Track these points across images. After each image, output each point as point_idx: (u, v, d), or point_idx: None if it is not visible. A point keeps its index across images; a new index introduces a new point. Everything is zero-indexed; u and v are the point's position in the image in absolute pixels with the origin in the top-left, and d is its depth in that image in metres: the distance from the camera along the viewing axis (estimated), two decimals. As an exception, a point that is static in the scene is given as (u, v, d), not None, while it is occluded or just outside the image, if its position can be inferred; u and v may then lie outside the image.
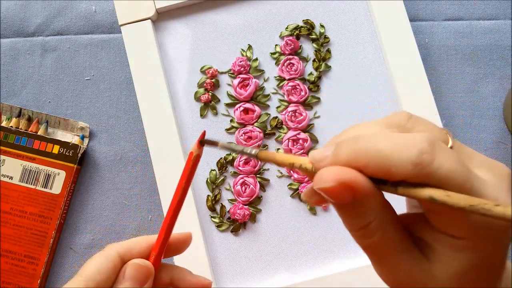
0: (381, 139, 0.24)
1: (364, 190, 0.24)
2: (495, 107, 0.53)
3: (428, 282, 0.26)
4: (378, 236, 0.26)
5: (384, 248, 0.26)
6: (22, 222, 0.51)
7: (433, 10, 0.55)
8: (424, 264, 0.26)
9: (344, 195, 0.24)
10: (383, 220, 0.25)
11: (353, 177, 0.24)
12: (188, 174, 0.36)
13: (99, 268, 0.35)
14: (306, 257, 0.50)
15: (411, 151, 0.24)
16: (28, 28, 0.56)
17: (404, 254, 0.26)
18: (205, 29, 0.53)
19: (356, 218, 0.26)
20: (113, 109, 0.54)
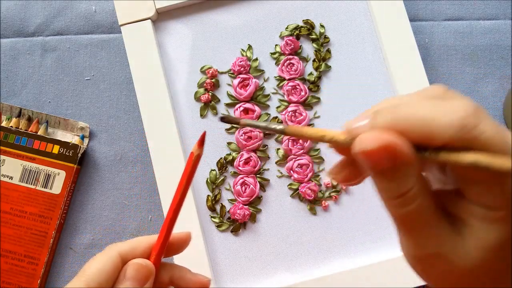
0: (421, 105, 0.24)
1: (406, 155, 0.24)
2: (495, 107, 0.53)
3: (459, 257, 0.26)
4: (415, 205, 0.25)
5: (419, 218, 0.26)
6: (22, 222, 0.51)
7: (433, 10, 0.55)
8: (456, 238, 0.26)
9: (385, 159, 0.24)
10: (420, 189, 0.25)
11: (397, 140, 0.24)
12: (189, 174, 0.36)
13: (100, 269, 0.35)
14: (306, 257, 0.50)
15: (456, 114, 0.24)
16: (28, 28, 0.56)
17: (438, 226, 0.26)
18: (205, 29, 0.53)
19: (396, 185, 0.25)
20: (113, 109, 0.54)
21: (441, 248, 0.26)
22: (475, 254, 0.26)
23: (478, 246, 0.26)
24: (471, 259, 0.26)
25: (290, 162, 0.51)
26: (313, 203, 0.50)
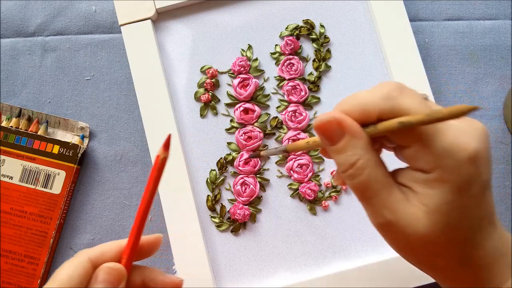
0: (360, 91, 0.31)
1: (351, 127, 0.30)
2: (495, 107, 0.53)
3: (410, 224, 0.29)
4: (365, 175, 0.30)
5: (371, 187, 0.30)
6: (22, 222, 0.51)
7: (433, 10, 0.55)
8: (408, 206, 0.30)
9: (335, 130, 0.30)
10: (369, 160, 0.30)
11: (343, 115, 0.30)
12: (155, 178, 0.36)
13: (70, 275, 0.35)
14: (306, 257, 0.50)
15: (382, 90, 0.30)
16: (28, 28, 0.56)
17: (390, 194, 0.30)
18: (205, 29, 0.53)
19: (345, 156, 0.30)
20: (113, 109, 0.54)
21: (394, 215, 0.30)
22: (423, 220, 0.29)
23: (426, 211, 0.29)
24: (422, 225, 0.29)
25: (290, 162, 0.51)
26: (313, 203, 0.50)
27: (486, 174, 0.29)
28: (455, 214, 0.29)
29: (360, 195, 0.31)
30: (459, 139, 0.29)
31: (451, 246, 0.30)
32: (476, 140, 0.29)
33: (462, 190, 0.29)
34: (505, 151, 0.52)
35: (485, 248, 0.30)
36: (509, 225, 0.51)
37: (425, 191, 0.29)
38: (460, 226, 0.29)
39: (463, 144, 0.29)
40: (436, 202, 0.29)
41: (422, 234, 0.29)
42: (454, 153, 0.28)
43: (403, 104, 0.29)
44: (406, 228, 0.30)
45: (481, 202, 0.30)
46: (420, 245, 0.30)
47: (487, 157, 0.29)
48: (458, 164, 0.29)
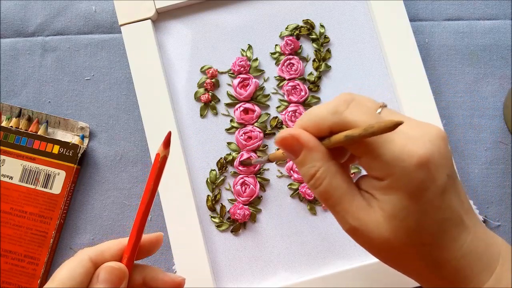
0: (315, 106, 0.33)
1: (308, 141, 0.32)
2: (495, 107, 0.53)
3: (372, 230, 0.31)
4: (324, 184, 0.32)
5: (332, 195, 0.32)
6: (22, 222, 0.51)
7: (433, 10, 0.55)
8: (370, 212, 0.31)
9: (295, 145, 0.32)
10: (328, 170, 0.32)
11: (299, 131, 0.32)
12: (156, 176, 0.36)
13: (71, 274, 0.35)
14: (306, 257, 0.50)
15: (330, 106, 0.32)
16: (28, 28, 0.56)
17: (352, 201, 0.31)
18: (205, 29, 0.53)
19: (306, 168, 0.32)
20: (113, 109, 0.54)
21: (358, 221, 0.31)
22: (384, 225, 0.30)
23: (385, 217, 0.30)
24: (383, 230, 0.30)
25: (290, 162, 0.51)
26: (313, 203, 0.50)
27: (442, 177, 0.30)
28: (412, 219, 0.30)
29: (325, 203, 0.32)
30: (406, 146, 0.29)
31: (415, 250, 0.31)
32: (426, 146, 0.29)
33: (416, 196, 0.29)
34: (505, 151, 0.52)
35: (454, 251, 0.30)
36: (509, 225, 0.51)
37: (382, 198, 0.30)
38: (420, 230, 0.30)
39: (410, 151, 0.29)
40: (393, 208, 0.30)
41: (384, 238, 0.30)
42: (401, 160, 0.29)
43: (349, 118, 0.31)
44: (370, 233, 0.31)
45: (439, 206, 0.30)
46: (386, 249, 0.31)
47: (440, 160, 0.30)
48: (406, 171, 0.29)
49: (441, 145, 0.30)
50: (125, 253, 0.37)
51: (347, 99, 0.32)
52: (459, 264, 0.31)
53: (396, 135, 0.30)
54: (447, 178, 0.30)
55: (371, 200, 0.31)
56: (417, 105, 0.50)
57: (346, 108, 0.31)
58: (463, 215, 0.31)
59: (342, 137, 0.31)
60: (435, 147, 0.30)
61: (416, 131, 0.31)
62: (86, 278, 0.35)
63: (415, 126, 0.31)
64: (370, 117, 0.30)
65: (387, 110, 0.33)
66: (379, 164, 0.30)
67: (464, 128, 0.53)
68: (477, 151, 0.52)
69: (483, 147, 0.52)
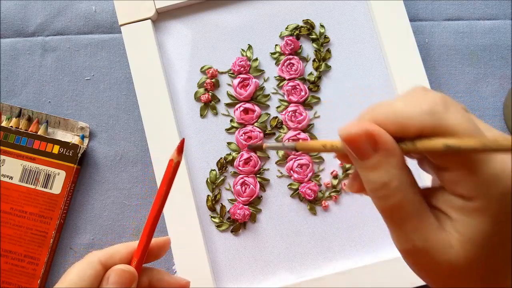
0: (397, 101, 0.27)
1: (386, 141, 0.26)
2: (495, 107, 0.53)
3: (444, 253, 0.26)
4: (398, 197, 0.26)
5: (403, 211, 0.27)
6: (22, 222, 0.51)
7: (433, 10, 0.55)
8: (441, 232, 0.27)
9: (367, 146, 0.26)
10: (404, 181, 0.26)
11: (377, 128, 0.26)
12: (168, 182, 0.36)
13: (81, 276, 0.35)
14: (306, 257, 0.50)
15: (425, 104, 0.26)
16: (28, 28, 0.56)
17: (423, 220, 0.27)
18: (205, 29, 0.53)
19: (378, 174, 0.26)
20: (113, 109, 0.54)
21: (426, 242, 0.27)
22: (458, 250, 0.26)
23: (460, 241, 0.26)
24: (456, 254, 0.26)
25: (290, 162, 0.51)
26: (313, 203, 0.50)
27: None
28: (491, 246, 0.26)
29: (390, 218, 0.28)
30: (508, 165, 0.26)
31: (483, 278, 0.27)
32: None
33: (503, 223, 0.26)
34: (505, 151, 0.52)
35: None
36: (509, 225, 0.51)
37: (461, 219, 0.26)
38: (494, 259, 0.27)
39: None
40: (473, 232, 0.26)
41: (453, 263, 0.27)
42: (502, 181, 0.25)
43: (449, 122, 0.25)
44: (437, 256, 0.27)
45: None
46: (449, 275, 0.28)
47: None
48: (504, 195, 0.26)
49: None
50: (134, 256, 0.37)
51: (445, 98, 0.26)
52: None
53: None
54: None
55: (443, 219, 0.27)
56: (417, 105, 0.50)
57: (445, 110, 0.26)
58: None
59: (440, 145, 0.25)
60: None
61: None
62: (96, 280, 0.36)
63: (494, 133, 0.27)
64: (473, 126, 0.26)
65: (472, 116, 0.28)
66: (472, 182, 0.26)
67: (464, 128, 0.53)
68: (477, 151, 0.52)
69: (483, 147, 0.52)
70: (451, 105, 0.26)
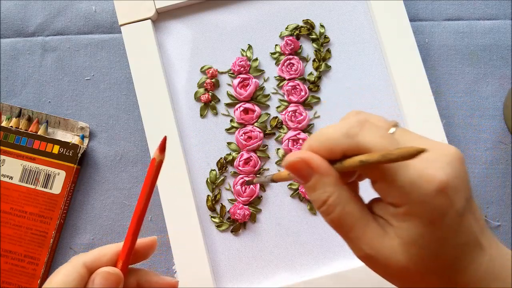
0: (327, 127, 0.31)
1: (319, 165, 0.30)
2: (495, 107, 0.53)
3: (388, 257, 0.29)
4: (337, 211, 0.30)
5: (345, 222, 0.30)
6: (22, 222, 0.51)
7: (433, 10, 0.55)
8: (385, 239, 0.30)
9: (305, 169, 0.30)
10: (340, 196, 0.30)
11: (310, 155, 0.30)
12: (151, 181, 0.36)
13: (65, 280, 0.35)
14: (306, 257, 0.50)
15: (343, 128, 0.30)
16: (28, 28, 0.56)
17: (366, 228, 0.30)
18: (205, 29, 0.53)
19: (317, 193, 0.30)
20: (113, 109, 0.54)
21: (373, 249, 0.30)
22: (401, 253, 0.29)
23: (401, 244, 0.29)
24: (400, 258, 0.29)
25: (290, 162, 0.51)
26: (313, 203, 0.50)
27: (460, 201, 0.29)
28: (431, 246, 0.29)
29: (337, 230, 0.31)
30: (424, 171, 0.28)
31: (434, 276, 0.30)
32: (444, 169, 0.28)
33: (435, 223, 0.28)
34: (505, 151, 0.52)
35: (473, 274, 0.29)
36: (509, 225, 0.51)
37: (399, 224, 0.29)
38: (438, 257, 0.29)
39: (428, 176, 0.28)
40: (411, 235, 0.29)
41: (402, 266, 0.29)
42: (419, 187, 0.28)
43: (363, 141, 0.29)
44: (386, 260, 0.30)
45: (458, 230, 0.29)
46: (403, 277, 0.30)
47: (459, 184, 0.28)
48: (425, 198, 0.28)
49: (460, 168, 0.29)
50: (120, 257, 0.37)
51: (360, 120, 0.30)
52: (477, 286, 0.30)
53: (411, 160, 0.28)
54: (465, 201, 0.29)
55: (386, 226, 0.30)
56: (417, 105, 0.50)
57: (359, 130, 0.29)
58: (479, 236, 0.30)
59: (356, 162, 0.29)
60: (453, 170, 0.28)
61: (432, 153, 0.29)
62: (81, 284, 0.35)
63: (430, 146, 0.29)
64: (385, 140, 0.29)
65: (400, 130, 0.31)
66: (395, 190, 0.29)
67: (464, 128, 0.53)
68: (477, 151, 0.52)
69: (483, 147, 0.52)
70: (366, 125, 0.29)
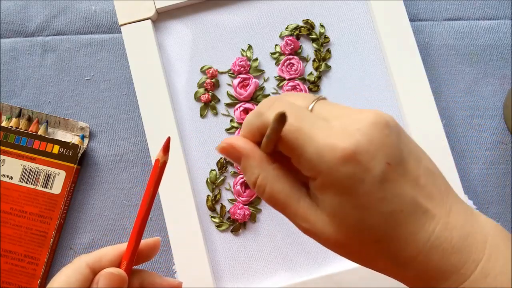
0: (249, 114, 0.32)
1: (243, 148, 0.31)
2: (495, 107, 0.53)
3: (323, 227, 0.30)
4: (268, 189, 0.31)
5: (278, 200, 0.31)
6: (22, 222, 0.51)
7: (433, 10, 0.55)
8: (316, 213, 0.30)
9: (233, 153, 0.31)
10: (267, 176, 0.30)
11: (236, 139, 0.32)
12: (155, 182, 0.36)
13: (69, 281, 0.35)
14: (306, 257, 0.50)
15: (256, 109, 0.31)
16: (28, 28, 0.56)
17: (299, 204, 0.30)
18: (205, 29, 0.53)
19: (247, 175, 0.31)
20: (113, 109, 0.54)
21: (307, 223, 0.30)
22: (330, 225, 0.29)
23: (328, 215, 0.29)
24: (331, 230, 0.29)
25: (290, 162, 0.51)
26: (313, 203, 0.50)
27: (378, 167, 0.27)
28: (353, 216, 0.28)
29: (275, 208, 0.31)
30: (327, 140, 0.27)
31: (370, 248, 0.29)
32: (351, 137, 0.27)
33: (348, 191, 0.28)
34: (505, 151, 0.52)
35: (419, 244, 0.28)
36: (509, 225, 0.51)
37: (321, 197, 0.29)
38: (366, 226, 0.28)
39: (332, 145, 0.27)
40: (331, 206, 0.29)
41: (334, 238, 0.29)
42: (323, 156, 0.27)
43: (268, 119, 0.29)
44: (321, 234, 0.30)
45: (383, 197, 0.27)
46: (341, 248, 0.30)
47: (374, 149, 0.27)
48: (331, 167, 0.27)
49: (374, 132, 0.28)
50: (123, 258, 0.37)
51: (271, 99, 0.31)
52: (428, 259, 0.28)
53: (318, 129, 0.28)
54: (386, 166, 0.27)
55: (315, 200, 0.30)
56: (417, 105, 0.50)
57: (267, 109, 0.30)
58: (424, 203, 0.28)
59: (264, 139, 0.30)
60: (364, 136, 0.27)
61: (346, 121, 0.28)
62: (84, 284, 0.35)
63: (347, 115, 0.29)
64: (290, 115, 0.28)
65: (320, 104, 0.31)
66: (305, 163, 0.28)
67: (464, 128, 0.53)
68: (477, 151, 0.52)
69: (483, 147, 0.52)
70: (275, 104, 0.30)
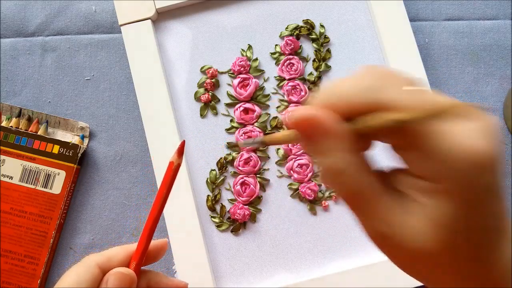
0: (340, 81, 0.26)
1: (332, 126, 0.25)
2: (495, 107, 0.53)
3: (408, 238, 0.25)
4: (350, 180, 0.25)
5: (360, 196, 0.26)
6: (22, 222, 0.51)
7: (433, 10, 0.55)
8: (405, 218, 0.25)
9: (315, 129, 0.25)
10: (355, 163, 0.25)
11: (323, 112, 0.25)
12: (169, 184, 0.36)
13: (78, 280, 0.35)
14: (306, 257, 0.50)
15: (364, 81, 0.25)
16: (28, 28, 0.56)
17: (383, 205, 0.25)
18: (205, 29, 0.53)
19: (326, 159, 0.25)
20: (113, 109, 0.54)
21: (390, 228, 0.25)
22: (427, 235, 0.25)
23: (429, 225, 0.25)
24: (426, 240, 0.25)
25: (290, 162, 0.51)
26: (313, 203, 0.50)
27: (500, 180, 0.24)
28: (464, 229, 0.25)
29: (351, 205, 0.27)
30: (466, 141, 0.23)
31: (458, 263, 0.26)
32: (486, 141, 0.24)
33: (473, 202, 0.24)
34: (505, 151, 0.52)
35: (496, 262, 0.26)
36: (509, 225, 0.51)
37: (429, 202, 0.25)
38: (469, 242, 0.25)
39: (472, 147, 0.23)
40: (443, 215, 0.24)
41: (425, 250, 0.25)
42: (462, 159, 0.23)
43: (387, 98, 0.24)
44: (406, 242, 0.25)
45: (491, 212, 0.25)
46: (422, 261, 0.26)
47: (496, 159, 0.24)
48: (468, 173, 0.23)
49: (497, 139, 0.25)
50: (133, 259, 0.37)
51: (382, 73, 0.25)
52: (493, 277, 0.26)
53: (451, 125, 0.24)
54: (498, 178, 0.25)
55: (407, 203, 0.25)
56: (417, 105, 0.50)
57: (382, 85, 0.25)
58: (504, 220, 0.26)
59: (388, 121, 0.24)
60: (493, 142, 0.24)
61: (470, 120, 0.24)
62: (94, 284, 0.35)
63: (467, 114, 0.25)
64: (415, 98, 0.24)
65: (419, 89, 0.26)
66: (430, 162, 0.24)
67: (464, 128, 0.53)
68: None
69: (483, 147, 0.52)
70: (390, 80, 0.25)
